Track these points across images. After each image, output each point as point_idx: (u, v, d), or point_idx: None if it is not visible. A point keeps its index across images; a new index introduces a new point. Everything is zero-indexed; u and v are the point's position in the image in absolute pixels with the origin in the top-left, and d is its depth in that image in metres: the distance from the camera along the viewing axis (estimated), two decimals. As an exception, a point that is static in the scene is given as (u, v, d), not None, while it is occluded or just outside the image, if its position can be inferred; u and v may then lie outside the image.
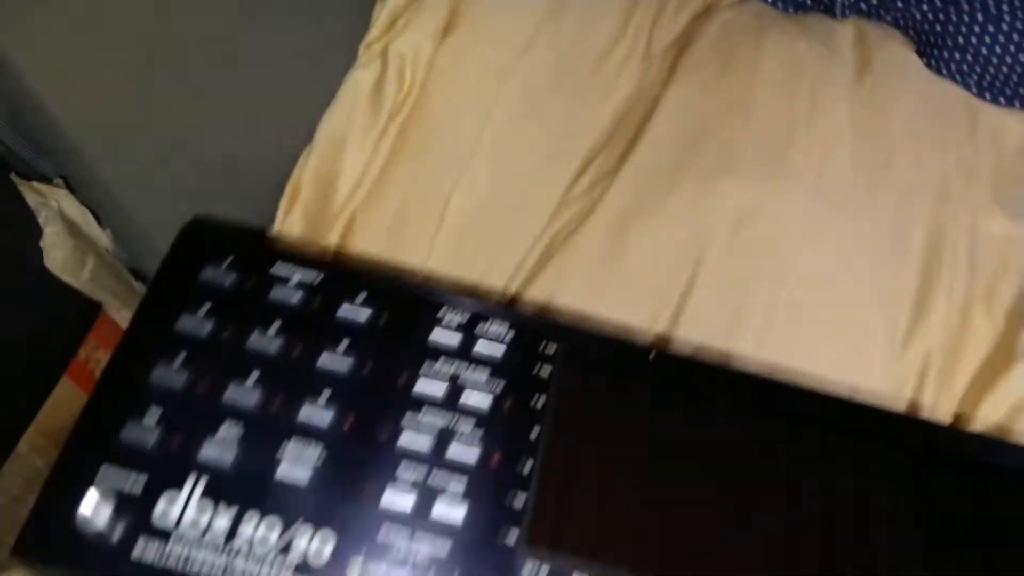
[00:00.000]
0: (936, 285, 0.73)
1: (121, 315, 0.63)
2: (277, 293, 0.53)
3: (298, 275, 0.54)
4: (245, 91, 0.64)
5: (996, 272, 0.75)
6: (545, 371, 0.54)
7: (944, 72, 0.82)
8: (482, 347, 0.54)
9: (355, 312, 0.54)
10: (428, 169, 0.74)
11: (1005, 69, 0.79)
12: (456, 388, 0.53)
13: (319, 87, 0.75)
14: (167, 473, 0.47)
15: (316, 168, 0.72)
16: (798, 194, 0.74)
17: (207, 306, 0.52)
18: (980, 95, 0.82)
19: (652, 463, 0.53)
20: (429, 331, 0.54)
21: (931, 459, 0.56)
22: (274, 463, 0.48)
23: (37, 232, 0.53)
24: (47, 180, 0.54)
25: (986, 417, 0.67)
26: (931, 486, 0.56)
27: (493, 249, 0.72)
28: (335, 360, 0.52)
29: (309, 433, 0.50)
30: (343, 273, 0.56)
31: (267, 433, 0.49)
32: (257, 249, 0.56)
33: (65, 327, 0.60)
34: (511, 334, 0.55)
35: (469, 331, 0.55)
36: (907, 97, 0.81)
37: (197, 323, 0.52)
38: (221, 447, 0.48)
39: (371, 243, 0.71)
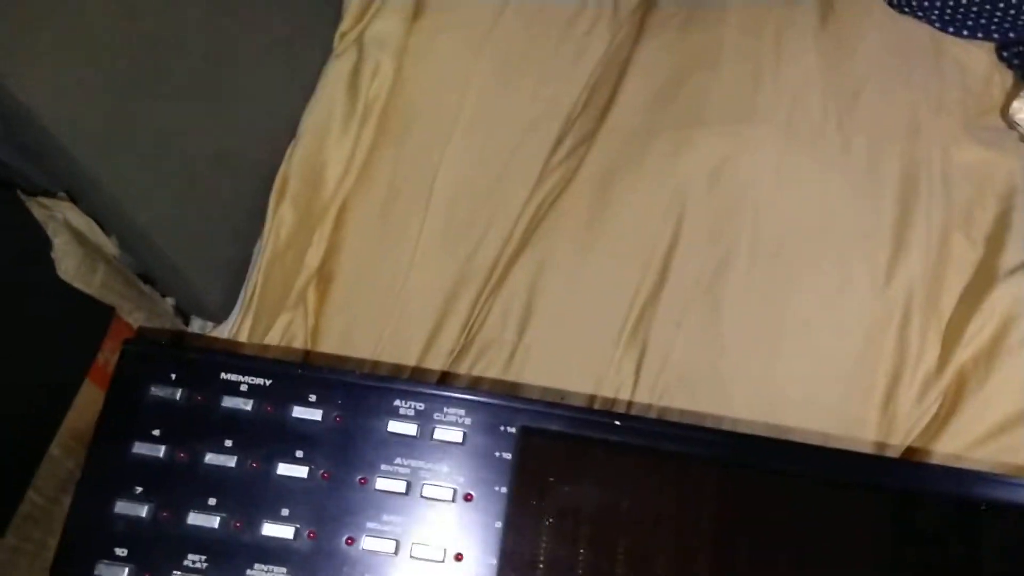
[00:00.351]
0: (914, 217, 0.73)
1: (133, 317, 0.63)
2: (228, 403, 0.53)
3: (246, 381, 0.54)
4: (228, 91, 0.64)
5: (972, 199, 0.75)
6: (506, 454, 0.53)
7: (906, 9, 0.82)
8: (441, 434, 0.54)
9: (309, 413, 0.54)
10: (411, 151, 0.75)
11: (964, 1, 0.79)
12: (418, 482, 0.53)
13: (299, 81, 0.75)
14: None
15: (302, 160, 0.72)
16: (771, 139, 0.75)
17: (160, 428, 0.53)
18: (943, 29, 0.82)
19: (618, 537, 0.53)
20: (385, 424, 0.54)
21: (891, 495, 0.56)
22: None
23: (47, 244, 0.53)
24: (50, 194, 0.55)
25: (972, 338, 0.69)
26: (907, 524, 0.56)
27: (482, 222, 0.73)
28: (293, 469, 0.52)
29: (273, 551, 0.50)
30: (291, 375, 0.55)
31: (233, 557, 0.50)
32: (202, 360, 0.55)
33: (82, 333, 0.60)
34: (468, 419, 0.54)
35: (426, 419, 0.54)
36: (871, 36, 0.81)
37: (151, 448, 0.52)
38: None
39: (362, 230, 0.72)
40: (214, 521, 0.50)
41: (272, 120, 0.73)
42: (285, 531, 0.50)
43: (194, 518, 0.50)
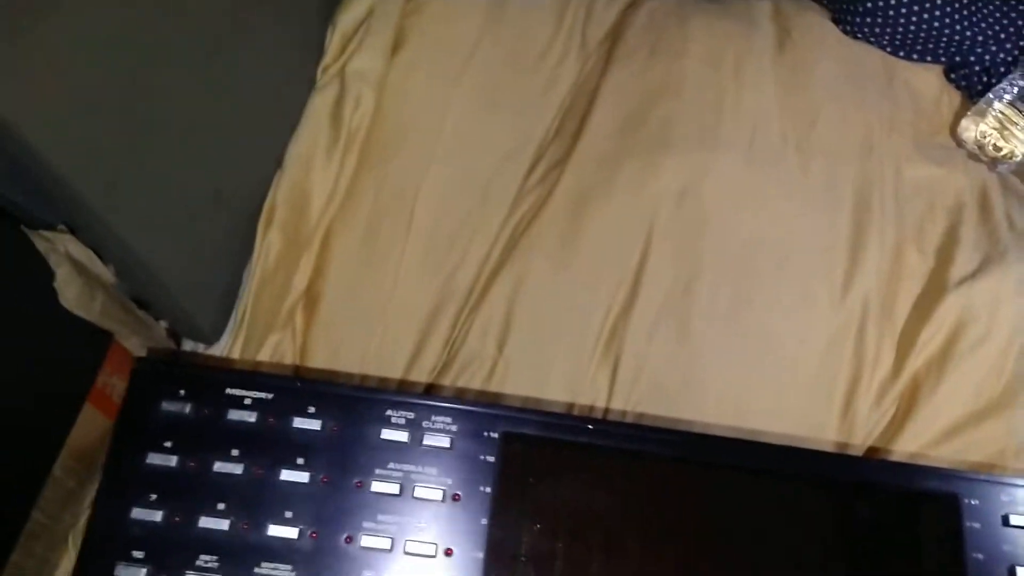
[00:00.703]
0: (868, 233, 0.79)
1: (130, 342, 0.67)
2: (233, 416, 0.59)
3: (250, 395, 0.59)
4: (219, 125, 0.68)
5: (923, 214, 0.81)
6: (490, 457, 0.59)
7: (859, 35, 0.87)
8: (430, 440, 0.60)
9: (308, 424, 0.59)
10: (392, 178, 0.79)
11: (913, 28, 0.84)
12: (409, 484, 0.58)
13: (285, 113, 0.79)
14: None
15: (288, 189, 0.76)
16: (733, 163, 0.80)
17: (171, 440, 0.58)
18: (894, 54, 0.88)
19: (592, 531, 0.59)
20: (379, 432, 0.60)
21: (851, 490, 0.63)
22: None
23: (49, 275, 0.57)
24: (51, 227, 0.58)
25: (925, 345, 0.74)
26: (852, 514, 0.62)
27: (462, 243, 0.77)
28: (295, 474, 0.58)
29: (278, 550, 0.56)
30: (291, 388, 0.61)
31: (242, 556, 0.56)
32: (208, 376, 0.61)
33: (83, 358, 0.64)
34: (455, 426, 0.60)
35: (416, 427, 0.60)
36: (826, 61, 0.87)
37: (164, 458, 0.58)
38: None
39: (347, 253, 0.76)
40: (223, 524, 0.56)
41: (260, 151, 0.77)
42: (289, 532, 0.56)
43: (205, 521, 0.56)
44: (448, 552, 0.56)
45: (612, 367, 0.73)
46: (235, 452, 0.57)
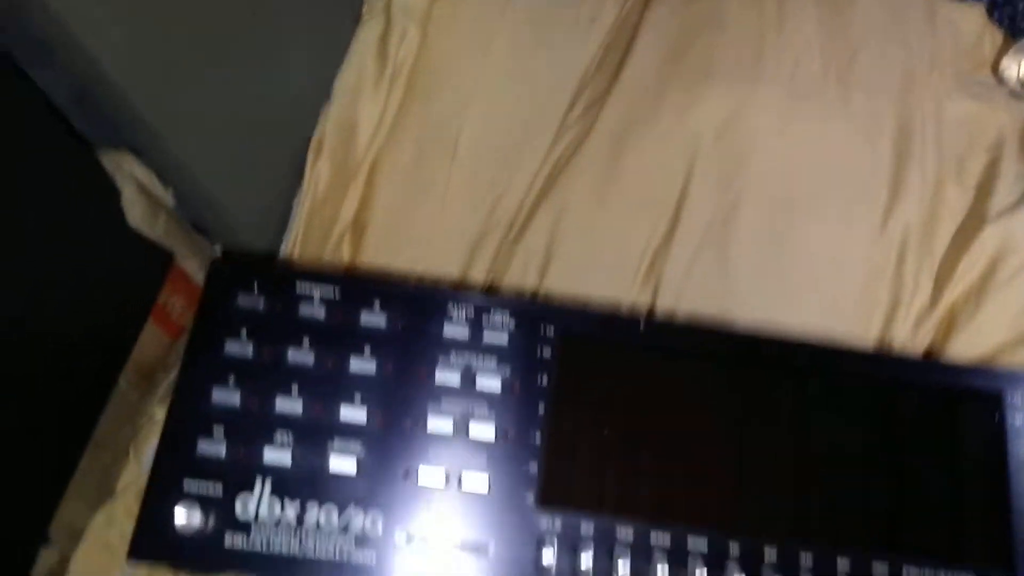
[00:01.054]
0: (909, 167, 0.83)
1: (188, 263, 0.72)
2: (304, 310, 0.65)
3: (319, 291, 0.65)
4: (271, 58, 0.72)
5: (963, 150, 0.85)
6: (546, 352, 0.65)
7: (901, -28, 0.91)
8: (489, 337, 0.65)
9: (374, 318, 0.65)
10: (437, 110, 0.84)
11: (955, -36, 0.88)
12: (470, 375, 0.64)
13: (333, 46, 0.84)
14: (238, 479, 0.61)
15: (336, 120, 0.81)
16: (775, 96, 0.84)
17: (246, 329, 0.64)
18: (936, -10, 0.91)
19: (643, 423, 0.65)
20: (441, 328, 0.65)
21: (894, 388, 0.68)
22: (324, 459, 0.61)
23: (115, 195, 0.62)
24: (115, 149, 0.62)
25: (964, 275, 0.78)
26: (895, 411, 0.67)
27: (504, 175, 0.81)
28: (363, 364, 0.64)
29: (349, 431, 0.62)
30: (358, 285, 0.67)
31: (315, 435, 0.62)
32: (280, 273, 0.67)
33: (146, 277, 0.70)
34: (513, 322, 0.66)
35: (476, 324, 0.66)
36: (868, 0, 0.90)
37: (241, 346, 0.63)
38: (279, 452, 0.61)
39: (392, 184, 0.81)
40: (297, 406, 0.62)
41: (309, 84, 0.82)
42: (358, 415, 0.62)
43: (280, 403, 0.62)
44: (507, 437, 0.62)
45: (651, 296, 0.77)
46: (306, 343, 0.63)
